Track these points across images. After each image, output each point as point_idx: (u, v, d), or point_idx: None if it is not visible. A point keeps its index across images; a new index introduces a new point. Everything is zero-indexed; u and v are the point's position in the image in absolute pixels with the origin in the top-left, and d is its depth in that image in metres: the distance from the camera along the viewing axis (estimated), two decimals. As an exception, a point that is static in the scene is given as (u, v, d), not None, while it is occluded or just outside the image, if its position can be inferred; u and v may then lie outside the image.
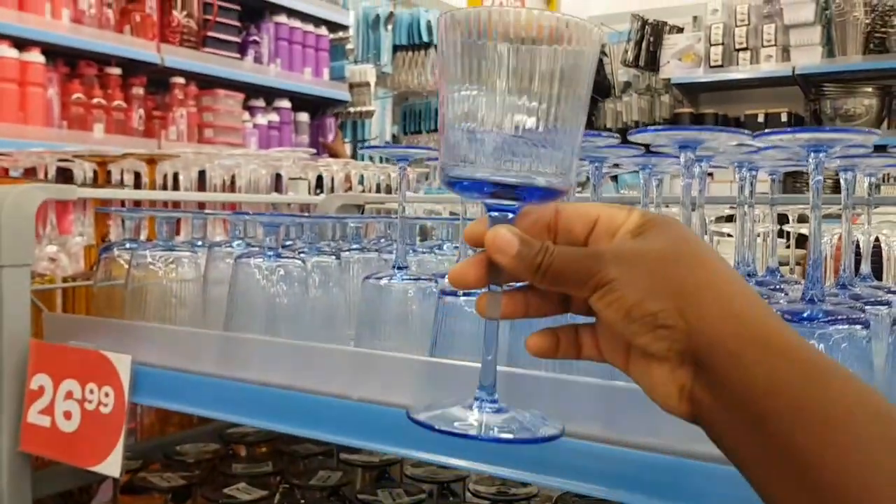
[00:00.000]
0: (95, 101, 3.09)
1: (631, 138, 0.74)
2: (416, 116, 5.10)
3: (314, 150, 1.85)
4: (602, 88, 6.17)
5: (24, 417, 1.06)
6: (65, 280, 1.30)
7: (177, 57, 3.35)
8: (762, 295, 0.85)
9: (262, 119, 3.81)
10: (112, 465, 0.98)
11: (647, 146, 0.84)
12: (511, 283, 0.54)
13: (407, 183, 0.96)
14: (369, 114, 4.37)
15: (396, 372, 0.85)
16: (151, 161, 1.35)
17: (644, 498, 0.67)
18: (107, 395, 0.99)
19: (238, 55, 3.68)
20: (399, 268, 0.94)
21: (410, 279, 0.93)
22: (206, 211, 1.13)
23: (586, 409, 0.72)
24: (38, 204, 1.08)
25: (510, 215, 0.51)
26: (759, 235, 1.12)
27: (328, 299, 1.07)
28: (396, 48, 4.72)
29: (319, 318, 1.03)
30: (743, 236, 0.96)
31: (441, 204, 1.49)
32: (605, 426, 0.70)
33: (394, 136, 4.89)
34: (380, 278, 0.95)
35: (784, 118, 5.42)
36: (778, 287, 0.88)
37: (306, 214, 1.05)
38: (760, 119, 5.26)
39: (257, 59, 3.78)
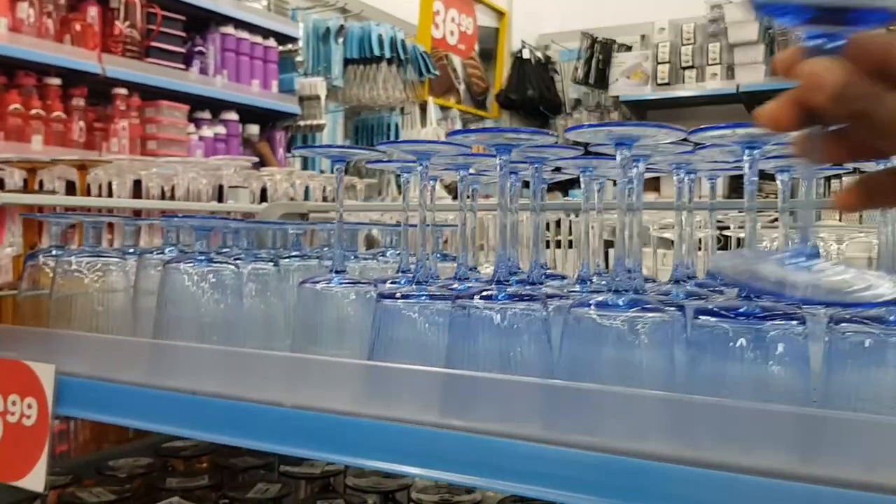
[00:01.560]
0: (34, 112, 3.00)
1: (568, 135, 0.73)
2: (368, 131, 5.07)
3: (257, 160, 1.81)
4: (553, 105, 6.24)
5: (-59, 432, 1.01)
6: (-10, 290, 1.25)
7: (119, 67, 3.28)
8: (699, 296, 0.84)
9: (208, 131, 3.74)
10: (35, 480, 0.93)
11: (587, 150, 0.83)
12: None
13: (344, 186, 0.94)
14: (320, 127, 4.33)
15: (333, 376, 0.83)
16: (83, 167, 1.31)
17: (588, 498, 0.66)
18: (29, 406, 0.94)
19: (183, 66, 3.61)
20: (337, 272, 0.92)
21: (348, 283, 0.91)
22: (136, 217, 1.09)
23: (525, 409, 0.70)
24: (-42, 208, 1.03)
25: (834, 44, 0.41)
26: (699, 241, 1.12)
27: (265, 308, 1.04)
28: (347, 62, 4.70)
29: (255, 327, 1.00)
30: (682, 241, 0.95)
31: (387, 213, 1.47)
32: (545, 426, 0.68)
33: (344, 151, 4.85)
34: (317, 282, 0.92)
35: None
36: (717, 289, 0.88)
37: (244, 220, 1.02)
38: (706, 135, 5.35)
39: (203, 71, 3.72)
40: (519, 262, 1.03)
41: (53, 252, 1.08)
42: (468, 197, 0.97)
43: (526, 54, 6.13)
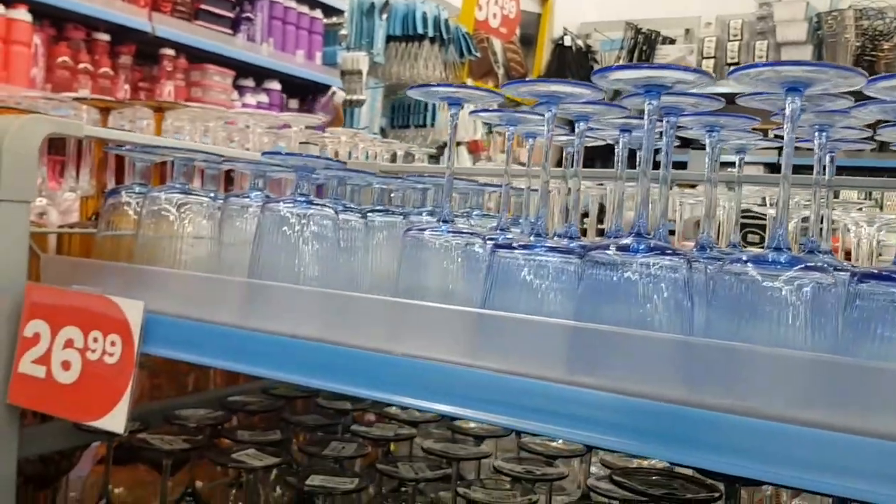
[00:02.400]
0: (82, 66, 2.97)
1: (594, 77, 0.70)
2: (405, 110, 5.02)
3: (322, 118, 1.76)
4: (590, 95, 6.15)
5: (14, 367, 0.97)
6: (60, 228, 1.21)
7: (168, 27, 3.24)
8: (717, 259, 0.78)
9: (251, 99, 3.71)
10: (116, 420, 0.89)
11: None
12: None
13: (455, 136, 0.90)
14: (360, 102, 4.28)
15: (443, 325, 0.78)
16: (159, 110, 1.27)
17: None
18: (113, 343, 0.90)
19: (230, 31, 3.57)
20: (444, 221, 0.87)
21: (456, 233, 0.86)
22: (232, 158, 1.05)
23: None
24: (42, 136, 0.99)
25: None
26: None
27: (354, 261, 1.00)
28: (390, 38, 4.64)
29: (344, 281, 0.96)
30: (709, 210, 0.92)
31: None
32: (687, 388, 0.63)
33: (382, 130, 4.81)
34: (423, 230, 0.87)
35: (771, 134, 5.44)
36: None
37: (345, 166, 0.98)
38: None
39: (250, 38, 3.68)
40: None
41: (136, 189, 1.04)
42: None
43: (567, 42, 6.05)
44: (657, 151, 0.84)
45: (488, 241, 0.83)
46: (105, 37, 3.10)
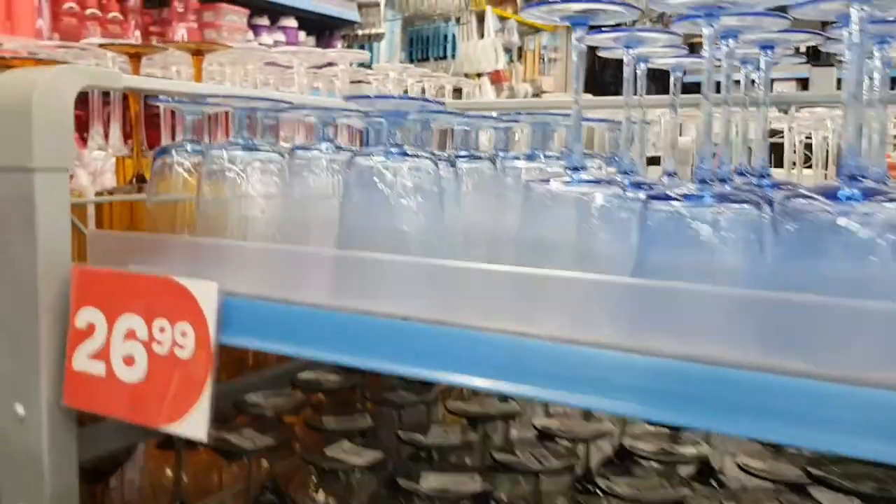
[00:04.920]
0: (89, 11, 2.78)
1: None
2: (423, 42, 4.80)
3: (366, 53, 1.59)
4: (613, 17, 5.88)
5: (67, 364, 0.83)
6: (99, 196, 1.06)
7: (176, -35, 3.03)
8: None
9: (267, 39, 3.50)
10: (195, 425, 0.75)
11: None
12: None
13: (582, 58, 0.73)
14: (379, 36, 4.06)
15: (593, 300, 0.63)
16: (198, 53, 1.10)
17: None
18: (183, 334, 0.76)
19: (241, -34, 3.35)
20: (575, 169, 0.72)
21: (593, 182, 0.70)
22: (302, 105, 0.89)
23: None
24: (76, 90, 0.83)
25: None
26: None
27: (456, 218, 0.84)
28: (405, -34, 4.40)
29: (451, 244, 0.81)
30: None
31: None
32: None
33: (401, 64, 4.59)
34: (547, 181, 0.72)
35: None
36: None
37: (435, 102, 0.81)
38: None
39: (262, -28, 3.46)
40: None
41: (189, 147, 0.89)
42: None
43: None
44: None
45: (638, 193, 0.67)
46: (110, -21, 2.90)
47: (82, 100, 1.25)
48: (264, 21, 3.55)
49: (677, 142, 1.03)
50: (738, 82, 0.83)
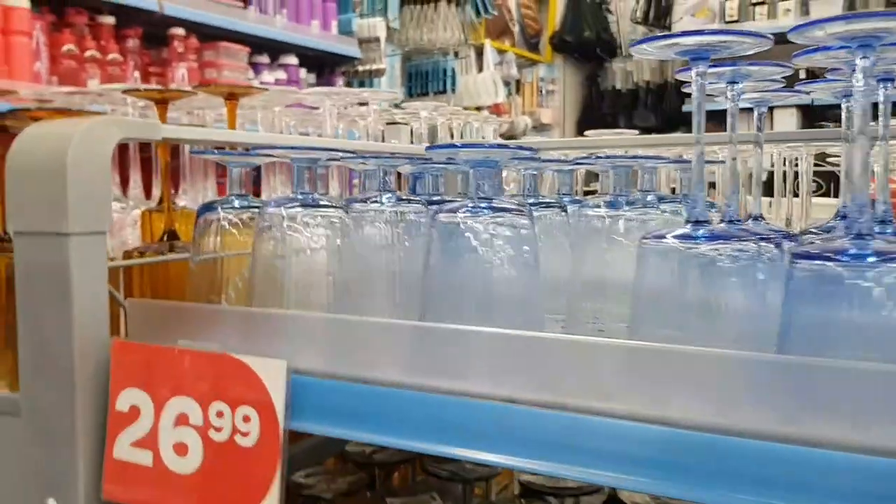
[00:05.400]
0: (89, 53, 2.70)
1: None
2: (422, 77, 4.75)
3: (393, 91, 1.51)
4: (610, 48, 5.86)
5: (107, 452, 0.73)
6: (128, 256, 0.96)
7: (176, 4, 2.96)
8: None
9: (268, 76, 3.43)
10: (263, 526, 0.66)
11: None
12: None
13: (703, 91, 0.65)
14: (380, 72, 4.00)
15: (734, 378, 0.54)
16: (232, 97, 1.01)
17: None
18: (246, 419, 0.66)
19: (241, 3, 3.29)
20: (697, 222, 0.63)
21: (726, 238, 0.61)
22: (369, 152, 0.81)
23: None
24: (113, 145, 0.74)
25: None
26: None
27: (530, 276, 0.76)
28: (403, 2, 4.36)
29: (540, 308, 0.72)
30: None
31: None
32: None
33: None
34: (662, 237, 0.63)
35: (802, 74, 5.18)
36: None
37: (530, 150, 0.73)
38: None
39: (262, 10, 3.39)
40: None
41: (237, 203, 0.80)
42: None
43: (582, -7, 5.75)
44: None
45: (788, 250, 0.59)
46: (110, 19, 2.82)
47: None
48: (265, 59, 3.48)
49: (760, 180, 0.96)
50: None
